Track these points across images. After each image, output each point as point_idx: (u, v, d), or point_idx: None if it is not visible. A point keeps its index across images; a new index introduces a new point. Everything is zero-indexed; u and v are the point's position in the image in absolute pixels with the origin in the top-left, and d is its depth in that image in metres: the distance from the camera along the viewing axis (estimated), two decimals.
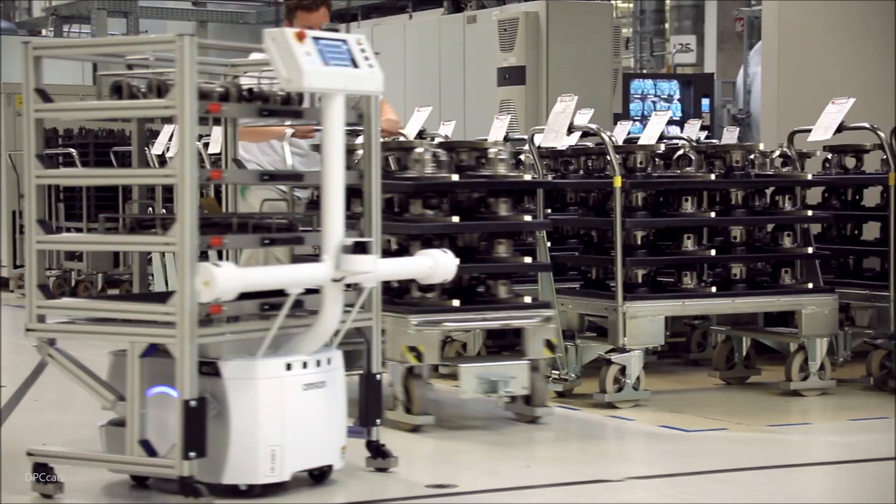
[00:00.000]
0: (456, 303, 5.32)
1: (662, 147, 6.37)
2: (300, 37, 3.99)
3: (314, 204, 7.81)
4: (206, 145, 8.13)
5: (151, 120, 5.70)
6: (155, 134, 8.85)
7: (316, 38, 4.05)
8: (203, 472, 4.01)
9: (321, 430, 4.22)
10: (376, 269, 4.16)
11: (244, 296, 4.05)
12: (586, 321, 6.20)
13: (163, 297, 4.12)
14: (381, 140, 5.54)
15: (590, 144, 6.95)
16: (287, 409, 4.09)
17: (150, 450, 4.07)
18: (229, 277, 3.89)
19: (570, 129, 6.08)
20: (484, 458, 4.88)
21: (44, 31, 19.29)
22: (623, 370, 5.79)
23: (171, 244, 4.04)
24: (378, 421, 4.52)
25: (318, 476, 4.35)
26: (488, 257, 5.50)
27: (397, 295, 5.36)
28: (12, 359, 6.37)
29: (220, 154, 8.17)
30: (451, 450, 5.04)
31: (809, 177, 6.37)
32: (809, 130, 6.53)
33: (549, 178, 6.54)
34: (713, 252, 6.13)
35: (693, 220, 6.09)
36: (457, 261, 4.53)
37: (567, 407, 5.83)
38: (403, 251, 5.40)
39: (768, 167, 6.40)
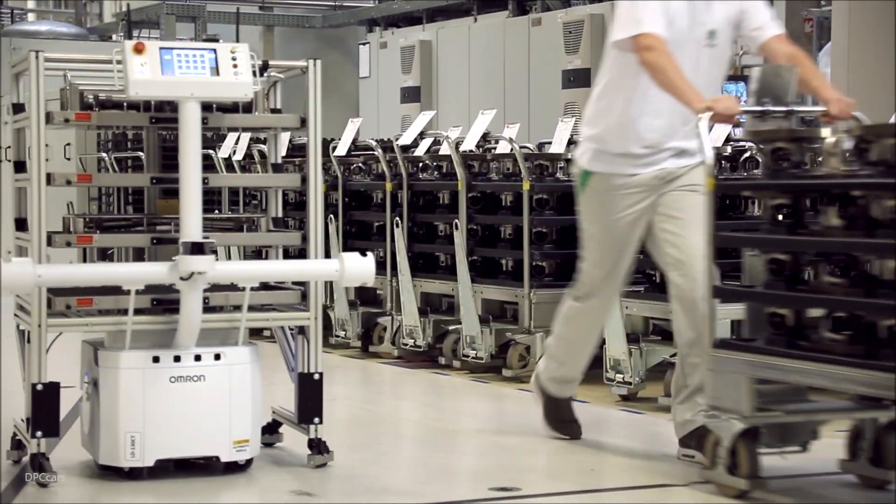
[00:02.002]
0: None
1: (729, 149, 6.31)
2: (138, 49, 4.34)
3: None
4: None
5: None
6: (222, 137, 8.93)
7: (168, 49, 4.39)
8: (92, 452, 4.52)
9: (196, 422, 4.45)
10: (213, 269, 4.33)
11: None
12: (651, 324, 6.16)
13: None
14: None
15: None
16: (149, 399, 4.39)
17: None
18: (11, 273, 4.17)
19: None
20: None
21: (114, 37, 19.55)
22: None
23: (24, 240, 4.46)
24: (316, 419, 4.65)
25: (239, 465, 4.54)
26: None
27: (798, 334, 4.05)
28: None
29: (285, 157, 8.30)
30: None
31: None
32: None
33: None
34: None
35: (761, 222, 6.02)
36: (372, 264, 4.50)
37: (631, 411, 5.80)
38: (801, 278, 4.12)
39: None
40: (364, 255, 4.54)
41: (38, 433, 4.39)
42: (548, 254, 6.71)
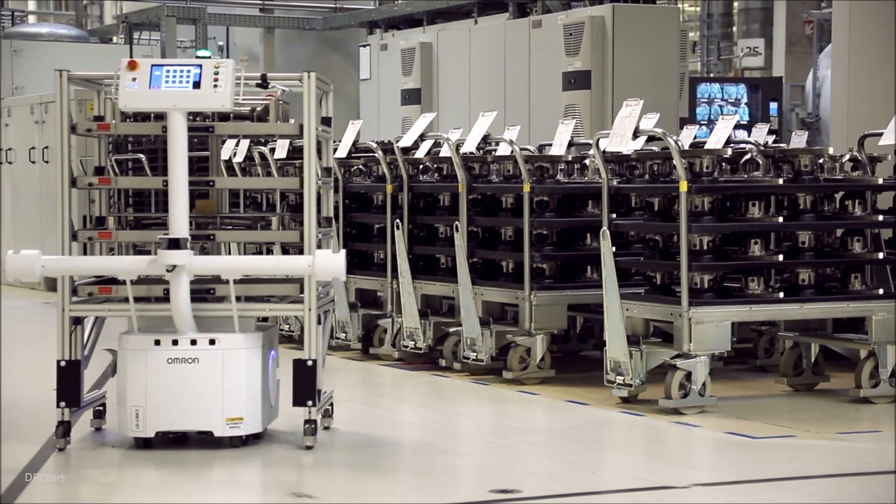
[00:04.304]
0: None
1: (729, 151, 6.31)
2: (132, 66, 4.89)
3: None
4: (273, 150, 8.22)
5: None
6: (222, 141, 8.96)
7: (159, 66, 4.90)
8: None
9: (191, 399, 4.91)
10: (190, 262, 4.83)
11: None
12: (651, 326, 6.16)
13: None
14: None
15: (655, 149, 6.91)
16: (149, 377, 4.92)
17: None
18: (17, 262, 4.78)
19: (636, 134, 6.05)
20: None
21: (115, 39, 19.55)
22: (689, 376, 5.74)
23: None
24: (309, 402, 4.96)
25: (234, 441, 4.94)
26: None
27: None
28: None
29: (285, 158, 8.35)
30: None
31: (880, 181, 6.28)
32: (880, 134, 6.44)
33: (614, 182, 6.50)
34: (780, 257, 6.07)
35: (760, 224, 6.03)
36: (342, 260, 4.87)
37: (632, 413, 5.80)
38: None
39: (838, 171, 6.31)
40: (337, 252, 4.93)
41: (62, 404, 4.97)
42: (548, 256, 6.71)
